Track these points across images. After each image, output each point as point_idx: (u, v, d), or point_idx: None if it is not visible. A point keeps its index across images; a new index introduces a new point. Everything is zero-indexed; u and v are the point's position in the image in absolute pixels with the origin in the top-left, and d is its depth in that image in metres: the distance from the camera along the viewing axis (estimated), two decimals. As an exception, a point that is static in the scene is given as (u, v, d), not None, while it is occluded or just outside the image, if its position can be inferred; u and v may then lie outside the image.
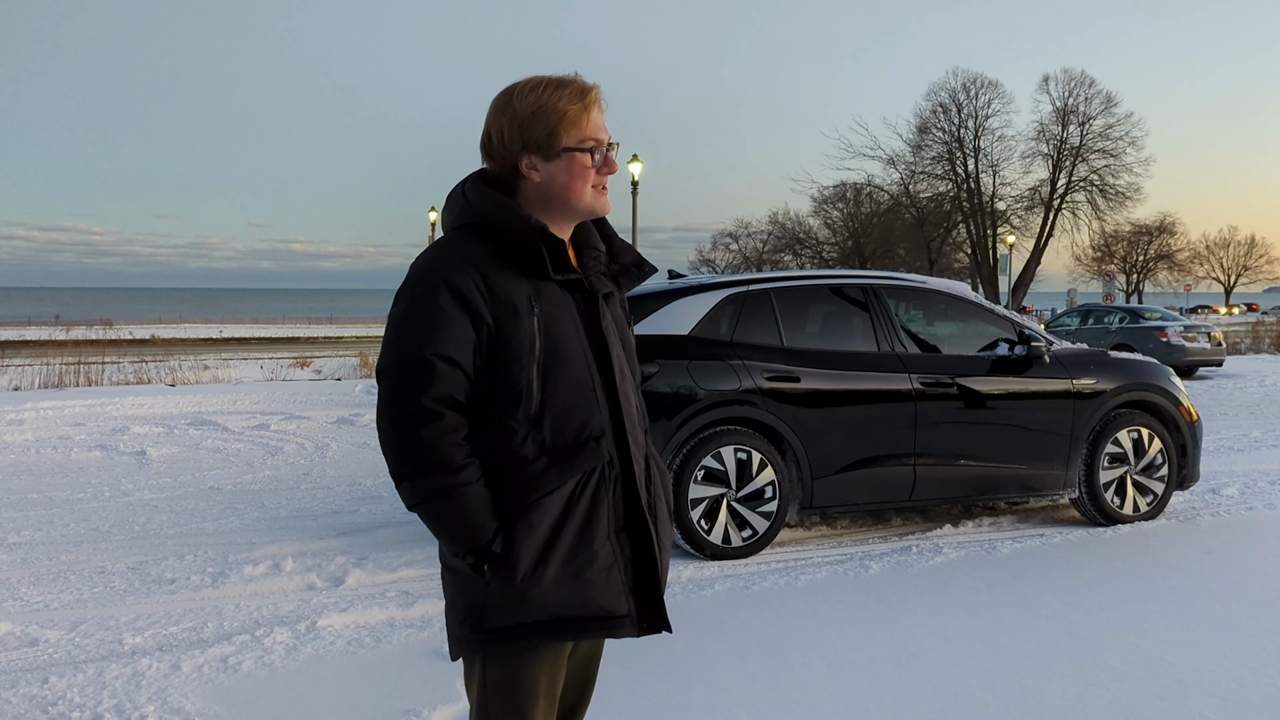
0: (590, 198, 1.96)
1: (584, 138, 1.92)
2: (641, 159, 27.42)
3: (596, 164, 1.95)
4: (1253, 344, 29.29)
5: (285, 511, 6.88)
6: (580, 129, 1.91)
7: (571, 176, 1.93)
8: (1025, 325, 6.46)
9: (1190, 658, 3.89)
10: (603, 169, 1.96)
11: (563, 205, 1.94)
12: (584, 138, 1.92)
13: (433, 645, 4.10)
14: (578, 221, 1.99)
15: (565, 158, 1.92)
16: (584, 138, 1.92)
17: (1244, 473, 8.07)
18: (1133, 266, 66.80)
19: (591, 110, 1.93)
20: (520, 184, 1.95)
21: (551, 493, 1.84)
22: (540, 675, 1.90)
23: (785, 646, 4.06)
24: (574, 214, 1.97)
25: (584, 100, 1.92)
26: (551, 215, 1.94)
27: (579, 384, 1.89)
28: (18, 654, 4.04)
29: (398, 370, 1.82)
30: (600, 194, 1.98)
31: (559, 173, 1.93)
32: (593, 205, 1.97)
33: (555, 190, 1.94)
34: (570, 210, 1.95)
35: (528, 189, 1.94)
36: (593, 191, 1.96)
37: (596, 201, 1.97)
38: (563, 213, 1.95)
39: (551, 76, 1.94)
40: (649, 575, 1.95)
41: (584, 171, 1.93)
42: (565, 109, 1.90)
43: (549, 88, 1.92)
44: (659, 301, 5.88)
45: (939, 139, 45.01)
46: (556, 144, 1.91)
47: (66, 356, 17.80)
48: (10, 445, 9.93)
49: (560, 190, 1.93)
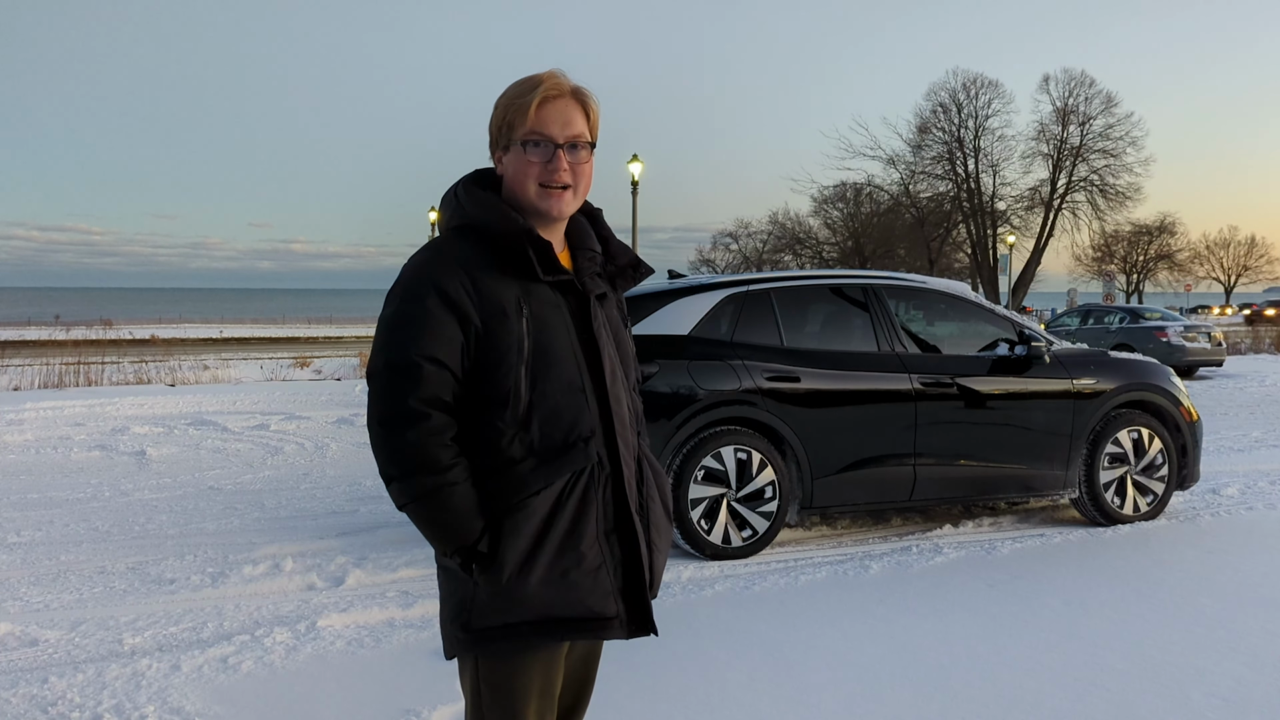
0: (535, 195, 1.90)
1: (529, 131, 1.89)
2: (641, 159, 27.43)
3: (540, 160, 1.89)
4: (1253, 344, 29.29)
5: (285, 511, 6.88)
6: (525, 122, 1.89)
7: (517, 170, 1.91)
8: (1025, 325, 6.46)
9: (1190, 658, 3.89)
10: (549, 167, 1.89)
11: (519, 203, 1.92)
12: (529, 131, 1.89)
13: (433, 645, 4.10)
14: (539, 223, 1.92)
15: (514, 151, 1.91)
16: (529, 131, 1.89)
17: (1244, 473, 8.07)
18: (1133, 266, 66.79)
19: (540, 104, 1.88)
20: (502, 181, 1.96)
21: (538, 493, 1.84)
22: (533, 675, 1.90)
23: (785, 646, 4.06)
24: (527, 212, 1.91)
25: (532, 93, 1.89)
26: (523, 213, 1.91)
27: (568, 385, 1.88)
28: (18, 654, 4.04)
29: (386, 371, 1.83)
30: (549, 195, 1.90)
31: (510, 166, 1.92)
32: (537, 205, 1.90)
33: (513, 186, 1.93)
34: (523, 207, 1.91)
35: (504, 186, 1.95)
36: (539, 189, 1.90)
37: (542, 202, 1.90)
38: (527, 211, 1.91)
39: (535, 74, 1.94)
40: (639, 577, 1.94)
41: (526, 166, 1.89)
42: (520, 102, 1.89)
43: (521, 84, 1.93)
44: (658, 301, 5.88)
45: (939, 139, 45.02)
46: (509, 136, 1.91)
47: (66, 356, 17.79)
48: (10, 445, 9.93)
49: (513, 185, 1.92)
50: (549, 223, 1.94)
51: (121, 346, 22.27)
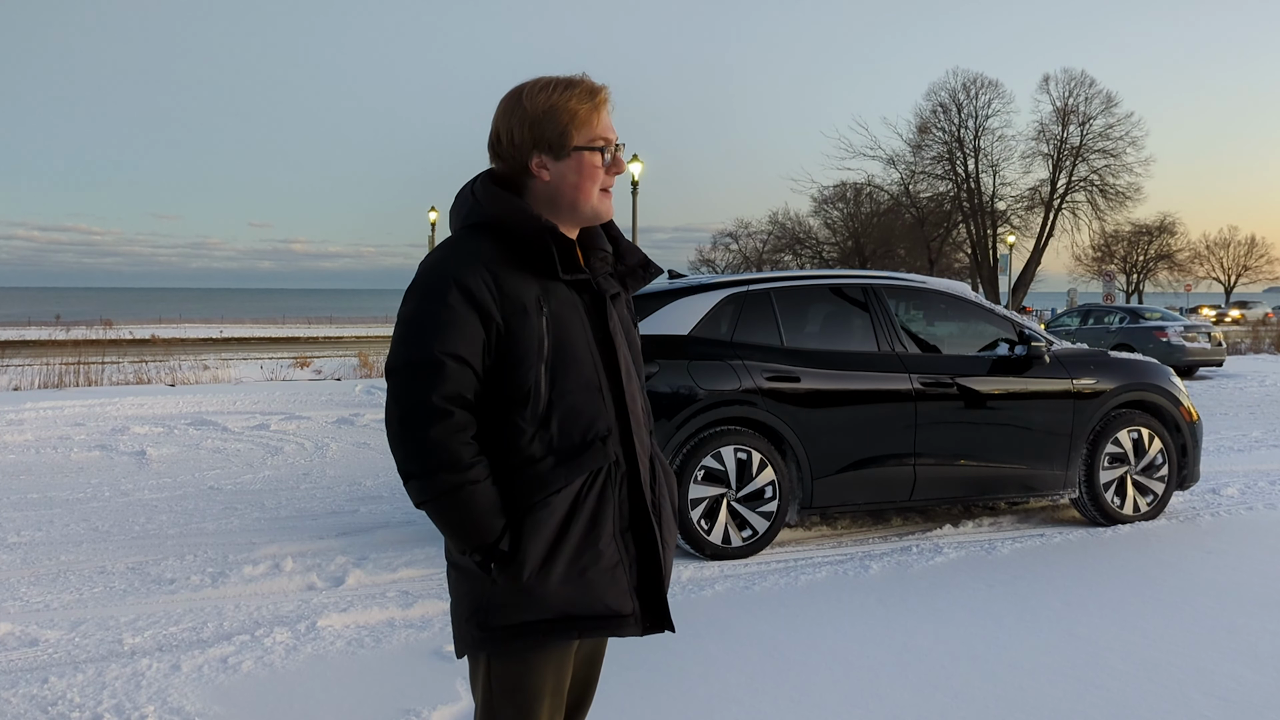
0: (597, 200, 1.96)
1: (594, 137, 1.93)
2: (642, 159, 27.42)
3: (606, 164, 1.95)
4: (1253, 344, 29.29)
5: (285, 511, 6.88)
6: (591, 128, 1.92)
7: (581, 176, 1.93)
8: (1025, 325, 6.46)
9: (1190, 658, 3.89)
10: (611, 169, 1.96)
11: (570, 206, 1.94)
12: (594, 137, 1.93)
13: (433, 645, 4.10)
14: (582, 225, 1.99)
15: (575, 157, 1.92)
16: (594, 137, 1.93)
17: (1244, 473, 8.07)
18: (1133, 266, 66.77)
19: (601, 110, 1.94)
20: (529, 184, 1.95)
21: (558, 491, 1.84)
22: (546, 674, 1.90)
23: (785, 646, 4.06)
24: (579, 217, 1.96)
25: (594, 100, 1.93)
26: (559, 216, 1.94)
27: (586, 384, 1.90)
28: (18, 654, 4.04)
29: (407, 368, 1.83)
30: (605, 197, 1.97)
31: (568, 172, 1.93)
32: (598, 209, 1.97)
33: (564, 190, 1.94)
34: (576, 212, 1.95)
35: (536, 189, 1.95)
36: (600, 194, 1.96)
37: (601, 205, 1.97)
38: (569, 214, 1.95)
39: (560, 77, 1.95)
40: (653, 575, 1.96)
41: (593, 171, 1.94)
42: (576, 108, 1.91)
43: (559, 87, 1.92)
44: (659, 301, 5.88)
45: (939, 139, 45.03)
46: (568, 143, 1.92)
47: (66, 356, 17.78)
48: (10, 445, 9.93)
49: (569, 190, 1.94)
50: (593, 224, 1.99)
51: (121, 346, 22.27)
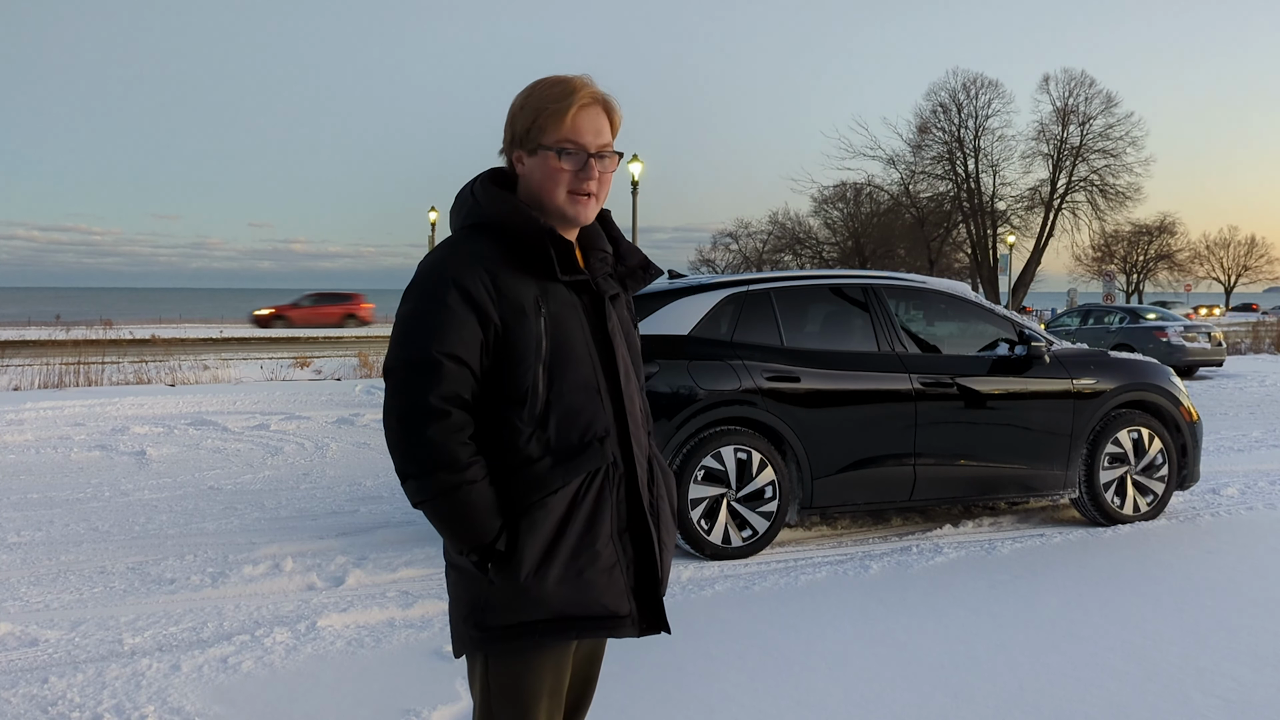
0: (564, 201, 1.91)
1: (561, 139, 1.89)
2: (641, 159, 27.43)
3: (572, 168, 1.90)
4: (1253, 344, 29.28)
5: (285, 511, 6.88)
6: (559, 129, 1.89)
7: (544, 175, 1.91)
8: (1025, 325, 6.46)
9: (1190, 658, 3.89)
10: (580, 175, 1.91)
11: (539, 205, 1.93)
12: (561, 139, 1.89)
13: (433, 645, 4.10)
14: (561, 226, 1.94)
15: (541, 155, 1.91)
16: (561, 139, 1.89)
17: (1244, 473, 8.07)
18: (1133, 266, 66.82)
19: (578, 113, 1.89)
20: (518, 180, 1.96)
21: (556, 492, 1.84)
22: (544, 674, 1.90)
23: (785, 646, 4.06)
24: (551, 216, 1.93)
25: (568, 101, 1.89)
26: (542, 214, 1.92)
27: (584, 385, 1.89)
28: (18, 654, 4.04)
29: (405, 368, 1.83)
30: (578, 201, 1.92)
31: (535, 169, 1.92)
32: (565, 211, 1.92)
33: (533, 187, 1.93)
34: (545, 211, 1.92)
35: (520, 184, 1.95)
36: (568, 196, 1.91)
37: (571, 208, 1.92)
38: (544, 212, 1.93)
39: (559, 76, 1.94)
40: (650, 576, 1.96)
41: (555, 173, 1.90)
42: (548, 106, 1.89)
43: (546, 84, 1.92)
44: (659, 301, 5.88)
45: (939, 139, 45.02)
46: (536, 139, 1.90)
47: (66, 356, 17.76)
48: (10, 445, 9.93)
49: (536, 188, 1.93)
50: (570, 226, 1.96)
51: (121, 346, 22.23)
